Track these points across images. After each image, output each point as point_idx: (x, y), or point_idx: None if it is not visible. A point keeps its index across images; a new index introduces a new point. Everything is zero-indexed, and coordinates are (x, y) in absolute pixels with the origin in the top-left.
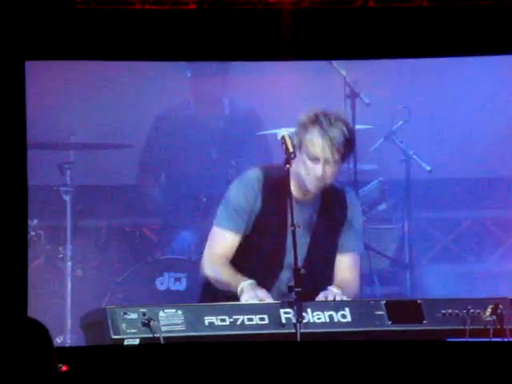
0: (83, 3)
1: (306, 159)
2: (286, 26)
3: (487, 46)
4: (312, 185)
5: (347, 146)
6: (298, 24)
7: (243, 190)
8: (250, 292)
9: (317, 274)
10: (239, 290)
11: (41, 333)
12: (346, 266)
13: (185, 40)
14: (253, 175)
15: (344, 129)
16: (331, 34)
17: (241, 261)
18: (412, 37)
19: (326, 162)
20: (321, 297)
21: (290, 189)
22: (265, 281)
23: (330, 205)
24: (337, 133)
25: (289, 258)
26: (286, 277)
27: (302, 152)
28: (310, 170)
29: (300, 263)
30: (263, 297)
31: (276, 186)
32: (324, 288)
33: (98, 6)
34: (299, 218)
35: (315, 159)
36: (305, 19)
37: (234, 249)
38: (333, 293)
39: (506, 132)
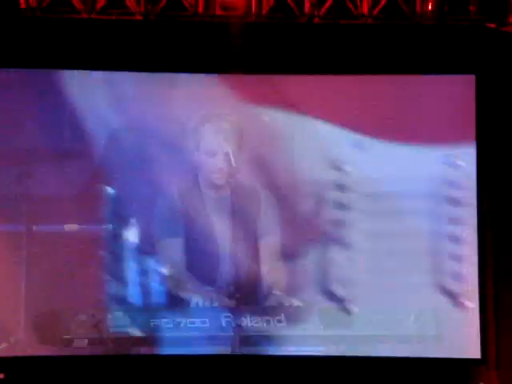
0: (29, 11)
1: (203, 155)
2: (231, 39)
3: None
4: (217, 178)
5: (239, 136)
6: (242, 37)
7: (163, 200)
8: None
9: (243, 257)
10: None
11: None
12: (269, 250)
13: (131, 50)
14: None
15: (232, 119)
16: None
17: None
18: (358, 54)
19: (223, 154)
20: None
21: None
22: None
23: (244, 199)
24: (227, 125)
25: (222, 265)
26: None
27: (200, 150)
28: (210, 165)
29: (227, 251)
30: None
31: (189, 190)
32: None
33: (44, 14)
34: (217, 213)
35: (212, 153)
36: (251, 33)
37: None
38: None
39: None
